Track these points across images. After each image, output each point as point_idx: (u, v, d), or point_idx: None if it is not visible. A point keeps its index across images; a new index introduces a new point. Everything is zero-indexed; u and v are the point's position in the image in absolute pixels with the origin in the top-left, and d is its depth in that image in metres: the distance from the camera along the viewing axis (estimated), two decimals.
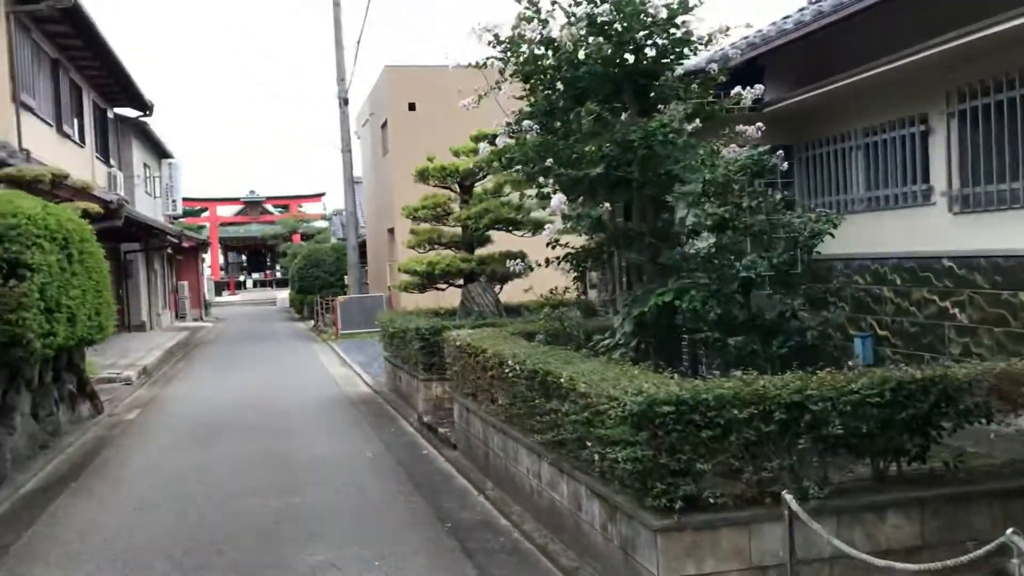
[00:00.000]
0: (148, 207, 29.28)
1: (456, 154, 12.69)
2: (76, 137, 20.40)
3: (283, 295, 49.68)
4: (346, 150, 27.43)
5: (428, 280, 11.98)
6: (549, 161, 6.08)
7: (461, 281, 12.51)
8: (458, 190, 12.56)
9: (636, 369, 5.13)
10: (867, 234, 8.38)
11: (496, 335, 7.91)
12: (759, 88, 7.11)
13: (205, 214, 59.42)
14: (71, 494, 7.80)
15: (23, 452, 9.08)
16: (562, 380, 5.25)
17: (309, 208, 59.89)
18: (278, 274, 61.62)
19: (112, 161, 25.08)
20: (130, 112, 26.85)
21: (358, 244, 28.06)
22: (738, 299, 5.41)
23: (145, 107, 26.43)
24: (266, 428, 10.57)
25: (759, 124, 6.94)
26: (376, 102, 27.43)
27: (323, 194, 59.71)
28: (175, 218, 40.40)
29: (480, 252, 12.67)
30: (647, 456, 4.29)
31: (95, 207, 12.25)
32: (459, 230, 12.55)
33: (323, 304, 29.38)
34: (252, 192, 61.74)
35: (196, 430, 10.63)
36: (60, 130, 18.64)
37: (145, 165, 30.19)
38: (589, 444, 4.94)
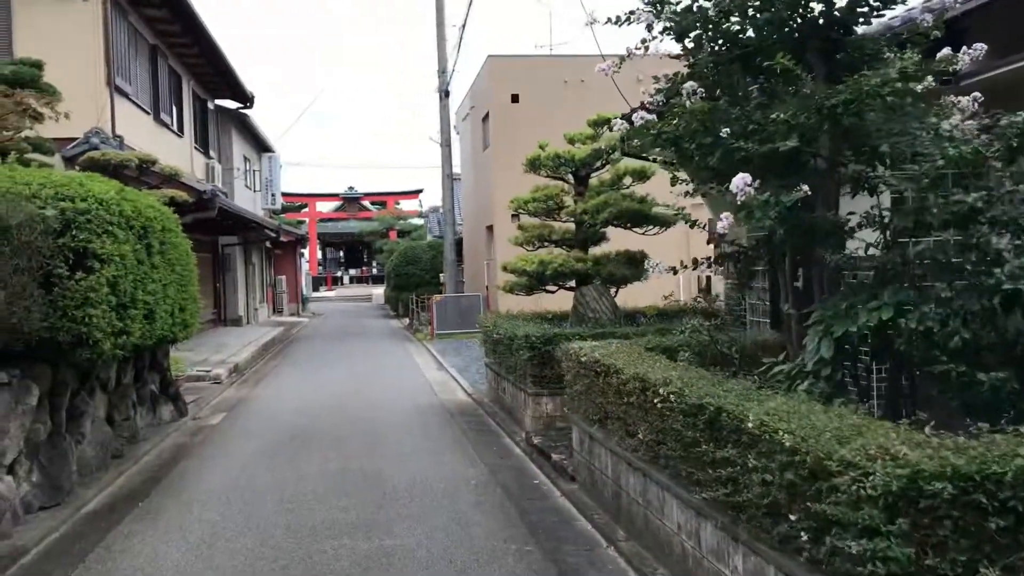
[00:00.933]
0: (247, 201, 29.02)
1: (571, 141, 11.38)
2: (174, 126, 19.96)
3: (379, 292, 49.44)
4: (445, 144, 26.48)
5: (538, 281, 10.68)
6: (724, 131, 4.67)
7: (572, 283, 11.19)
8: (572, 181, 11.23)
9: (855, 413, 3.69)
10: None
11: (628, 350, 6.55)
12: (980, 48, 5.52)
13: (304, 210, 59.86)
14: (136, 518, 6.81)
15: (93, 461, 8.21)
16: (748, 424, 3.85)
17: (406, 205, 59.67)
18: (374, 271, 61.67)
19: (212, 153, 24.76)
20: (230, 104, 26.56)
21: (455, 242, 27.05)
22: (993, 319, 3.90)
23: (245, 98, 26.09)
24: (357, 440, 9.48)
25: (976, 95, 5.37)
26: (477, 94, 26.38)
27: (420, 191, 59.43)
28: (275, 212, 40.44)
29: (594, 251, 11.33)
30: (906, 557, 2.87)
31: (184, 195, 11.43)
32: (571, 226, 11.24)
33: (418, 302, 28.54)
34: (351, 188, 61.96)
35: (281, 440, 9.63)
36: (157, 118, 18.16)
37: (245, 158, 29.98)
38: (793, 517, 3.54)
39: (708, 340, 6.54)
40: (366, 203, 61.94)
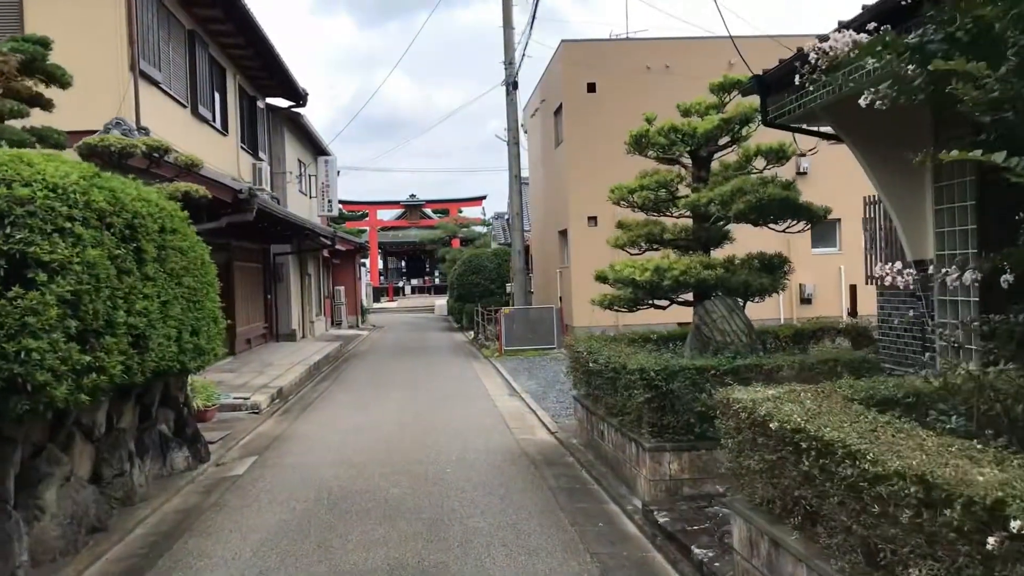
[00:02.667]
0: (302, 207, 27.17)
1: (685, 112, 8.90)
2: (216, 123, 18.03)
3: (441, 302, 47.43)
4: (513, 142, 24.18)
5: (650, 294, 8.18)
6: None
7: (688, 295, 8.69)
8: (690, 164, 8.73)
9: None
10: None
11: (841, 409, 4.07)
12: None
13: (365, 219, 58.31)
14: None
15: (57, 543, 6.03)
16: None
17: (469, 212, 57.60)
18: (436, 280, 59.78)
19: (262, 155, 22.89)
20: (282, 102, 24.73)
21: (523, 249, 24.69)
22: None
23: (298, 96, 24.21)
24: (414, 511, 7.13)
25: None
26: (549, 86, 24.03)
27: (484, 197, 57.37)
28: (333, 220, 38.72)
29: (716, 254, 8.82)
30: None
31: (203, 190, 9.28)
32: (685, 222, 8.77)
33: (484, 315, 26.27)
34: (412, 196, 60.22)
35: (315, 509, 7.32)
36: (195, 112, 16.20)
37: (300, 162, 28.15)
38: None
39: (971, 386, 4.02)
40: (428, 211, 60.10)
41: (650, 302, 8.48)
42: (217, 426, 11.69)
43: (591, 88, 21.18)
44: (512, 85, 23.80)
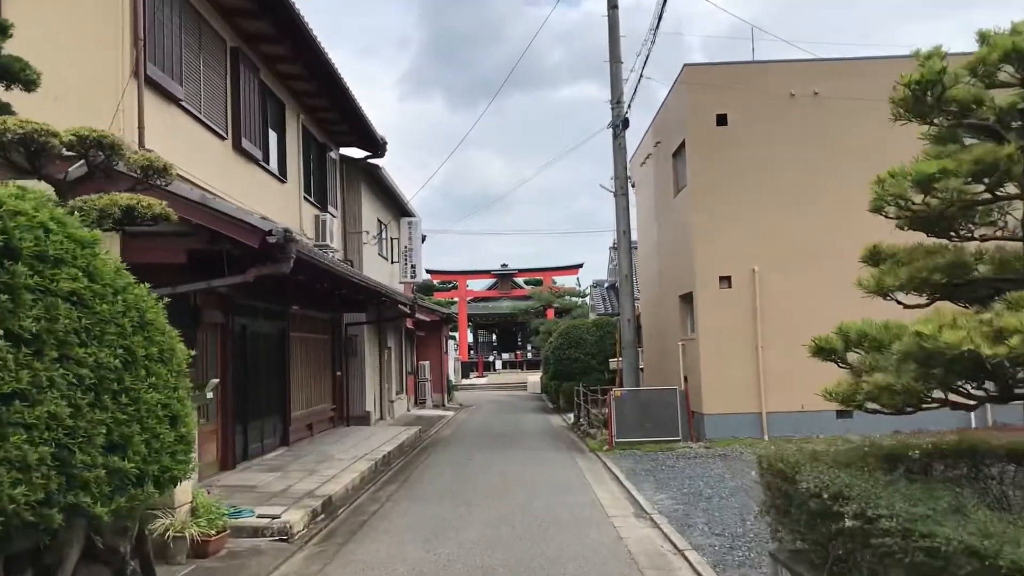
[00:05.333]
0: (383, 273, 24.01)
1: (983, 39, 4.99)
2: (271, 165, 14.97)
3: (534, 378, 43.55)
4: (621, 193, 20.52)
5: (970, 375, 4.16)
6: None
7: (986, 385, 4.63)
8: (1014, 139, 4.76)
9: None
10: None
11: None
12: None
13: (454, 289, 55.37)
14: None
15: None
16: None
17: (563, 283, 53.95)
18: (529, 354, 56.00)
19: (333, 211, 19.83)
20: (356, 152, 21.81)
21: (634, 317, 20.76)
22: None
23: (376, 145, 21.25)
24: None
25: None
26: (665, 125, 20.38)
27: (580, 265, 53.71)
28: (419, 290, 35.63)
29: None
30: None
31: (160, 206, 5.82)
32: (1005, 246, 4.80)
33: (586, 396, 22.28)
34: (504, 265, 57.09)
35: None
36: (238, 147, 13.09)
37: (380, 222, 25.13)
38: None
39: None
40: (520, 280, 56.74)
41: (954, 396, 4.45)
42: (222, 564, 8.09)
43: (721, 120, 17.41)
44: (620, 125, 20.27)
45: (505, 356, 59.56)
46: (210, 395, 11.73)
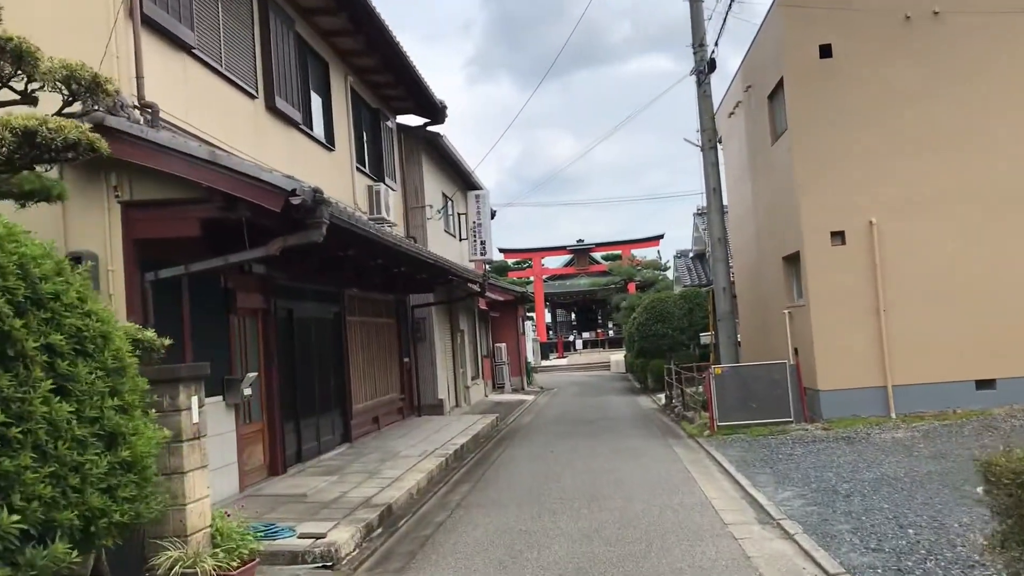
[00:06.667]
0: (451, 251, 22.30)
1: None
2: (313, 130, 13.34)
3: (617, 357, 41.50)
4: (709, 147, 18.30)
5: None
6: None
7: None
8: None
9: None
10: None
11: None
12: None
13: (528, 267, 53.57)
14: None
15: None
16: None
17: (642, 255, 51.54)
18: (611, 332, 53.91)
19: (390, 182, 18.17)
20: (414, 120, 20.09)
21: (728, 285, 18.56)
22: None
23: (435, 110, 19.47)
24: None
25: None
26: (756, 65, 18.03)
27: (661, 236, 51.22)
28: (492, 268, 33.96)
29: None
30: None
31: (87, 134, 4.10)
32: None
33: (678, 374, 20.20)
34: (580, 241, 54.99)
35: None
36: (271, 107, 11.46)
37: (444, 195, 23.44)
38: None
39: None
40: (597, 255, 54.57)
41: None
42: None
43: (825, 52, 15.03)
44: (704, 70, 18.03)
45: (585, 335, 57.56)
46: (248, 391, 10.19)
